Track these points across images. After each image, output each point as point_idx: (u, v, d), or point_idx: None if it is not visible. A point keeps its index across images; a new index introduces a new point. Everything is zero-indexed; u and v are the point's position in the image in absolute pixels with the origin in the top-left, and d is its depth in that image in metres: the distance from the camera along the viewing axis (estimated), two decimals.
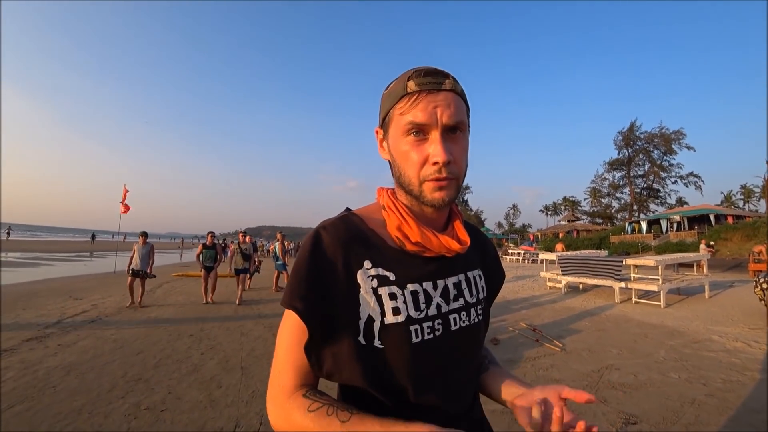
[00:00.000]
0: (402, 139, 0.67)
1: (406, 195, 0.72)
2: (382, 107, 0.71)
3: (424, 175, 0.66)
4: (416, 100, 0.65)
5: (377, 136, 0.76)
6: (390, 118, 0.69)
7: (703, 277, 8.81)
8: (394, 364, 0.65)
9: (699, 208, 30.94)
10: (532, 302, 8.09)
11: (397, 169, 0.70)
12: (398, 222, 0.71)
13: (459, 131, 0.67)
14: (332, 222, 0.71)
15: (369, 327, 0.65)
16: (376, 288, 0.67)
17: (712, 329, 5.49)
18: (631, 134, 43.54)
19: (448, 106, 0.65)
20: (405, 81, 0.66)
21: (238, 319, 6.62)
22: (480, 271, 0.84)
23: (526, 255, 24.32)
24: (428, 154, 0.65)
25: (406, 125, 0.65)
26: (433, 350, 0.68)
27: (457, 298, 0.74)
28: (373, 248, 0.70)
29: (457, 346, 0.72)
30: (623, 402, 3.12)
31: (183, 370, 4.01)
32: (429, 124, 0.64)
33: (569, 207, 67.74)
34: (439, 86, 0.65)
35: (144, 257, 7.81)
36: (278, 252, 10.21)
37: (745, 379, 3.57)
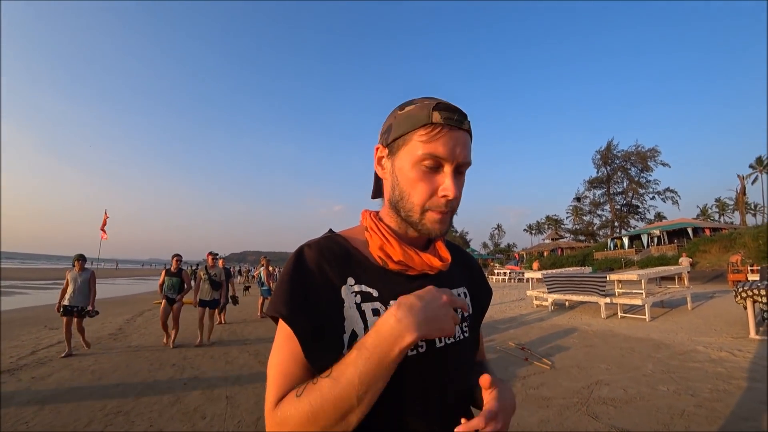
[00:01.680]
0: (415, 166, 0.68)
1: (396, 217, 0.73)
2: (396, 127, 0.71)
3: (430, 205, 0.68)
4: (439, 133, 0.66)
5: (376, 153, 0.76)
6: (405, 141, 0.69)
7: (685, 290, 8.98)
8: None
9: (677, 222, 31.76)
10: (519, 321, 8.09)
11: (399, 192, 0.71)
12: (380, 242, 0.72)
13: (463, 170, 0.71)
14: (316, 241, 0.72)
15: (353, 341, 0.64)
16: (359, 304, 0.67)
17: (696, 340, 5.56)
18: (608, 153, 44.73)
19: (465, 146, 0.68)
20: (429, 110, 0.67)
21: (223, 346, 6.45)
22: (465, 288, 0.84)
23: (511, 274, 24.45)
24: (438, 186, 0.67)
25: (425, 155, 0.66)
26: (417, 366, 0.67)
27: None
28: (357, 266, 0.71)
29: (442, 363, 0.71)
30: (614, 417, 3.11)
31: (165, 401, 3.86)
32: (446, 159, 0.66)
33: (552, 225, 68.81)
34: (461, 125, 0.68)
35: (81, 289, 6.01)
36: (263, 277, 10.06)
37: (731, 388, 3.60)
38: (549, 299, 9.43)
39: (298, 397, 0.58)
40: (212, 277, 6.93)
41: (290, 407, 0.58)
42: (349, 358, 0.57)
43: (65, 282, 6.01)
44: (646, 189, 43.84)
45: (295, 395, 0.59)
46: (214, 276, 6.97)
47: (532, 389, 3.83)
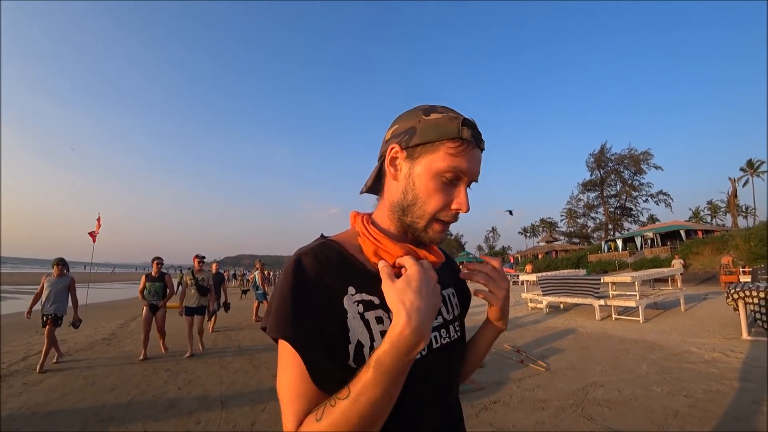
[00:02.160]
0: (436, 176, 0.68)
1: (398, 220, 0.73)
2: (423, 132, 0.69)
3: (440, 216, 0.70)
4: (467, 149, 0.68)
5: (391, 151, 0.73)
6: (431, 149, 0.68)
7: (678, 291, 9.05)
8: None
9: (670, 224, 32.01)
10: (514, 323, 8.10)
11: (413, 197, 0.70)
12: (374, 247, 0.71)
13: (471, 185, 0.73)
14: (312, 248, 0.70)
15: (359, 351, 0.64)
16: (362, 313, 0.67)
17: (689, 341, 5.60)
18: (602, 156, 45.12)
19: (480, 165, 0.71)
20: (458, 124, 0.67)
21: (217, 351, 6.41)
22: (452, 289, 0.87)
23: None
24: (453, 199, 0.69)
25: (450, 168, 0.67)
26: (419, 369, 0.68)
27: (437, 317, 0.76)
28: (355, 274, 0.70)
29: (440, 363, 0.73)
30: (609, 418, 3.12)
31: (159, 406, 3.83)
32: (468, 175, 0.69)
33: (547, 228, 69.11)
34: (480, 144, 0.71)
35: (58, 295, 5.48)
36: (258, 281, 10.02)
37: (724, 389, 3.63)
38: (544, 302, 9.46)
39: (319, 421, 0.56)
40: (199, 282, 6.33)
41: (310, 429, 0.57)
42: (367, 375, 0.55)
43: (39, 287, 5.53)
44: (639, 192, 44.26)
45: (315, 419, 0.57)
46: (202, 281, 6.36)
47: (528, 391, 3.84)
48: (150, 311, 6.04)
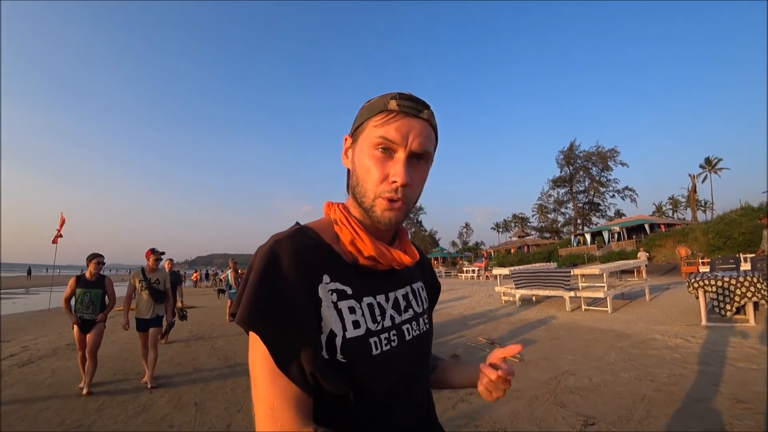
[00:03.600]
0: (369, 151, 0.67)
1: (359, 208, 0.72)
2: (358, 118, 0.72)
3: (380, 191, 0.66)
4: (393, 118, 0.66)
5: (344, 144, 0.76)
6: (363, 128, 0.70)
7: (643, 282, 9.44)
8: (357, 377, 0.64)
9: (635, 218, 33.26)
10: (488, 317, 8.26)
11: (356, 178, 0.70)
12: (351, 237, 0.70)
13: (423, 160, 0.69)
14: (288, 235, 0.68)
15: (331, 341, 0.64)
16: (336, 302, 0.66)
17: (654, 329, 5.85)
18: (571, 153, 46.35)
19: (420, 134, 0.67)
20: (387, 99, 0.67)
21: (191, 352, 6.25)
22: (421, 282, 0.88)
23: (480, 271, 24.91)
24: (390, 172, 0.66)
25: (377, 138, 0.66)
26: (391, 361, 0.69)
27: (407, 309, 0.77)
28: (330, 262, 0.69)
29: (411, 354, 0.74)
30: (580, 405, 3.23)
31: (130, 411, 3.71)
32: (398, 143, 0.65)
33: (519, 223, 70.62)
34: (418, 113, 0.67)
35: None
36: (231, 280, 9.82)
37: (686, 372, 3.81)
38: (517, 294, 9.66)
39: None
40: (153, 285, 4.79)
41: None
42: None
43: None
44: (607, 188, 45.72)
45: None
46: (156, 283, 4.84)
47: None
48: (82, 331, 4.36)
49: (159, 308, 4.83)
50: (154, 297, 4.75)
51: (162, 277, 4.96)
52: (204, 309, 13.05)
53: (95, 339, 4.36)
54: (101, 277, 4.56)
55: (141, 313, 4.73)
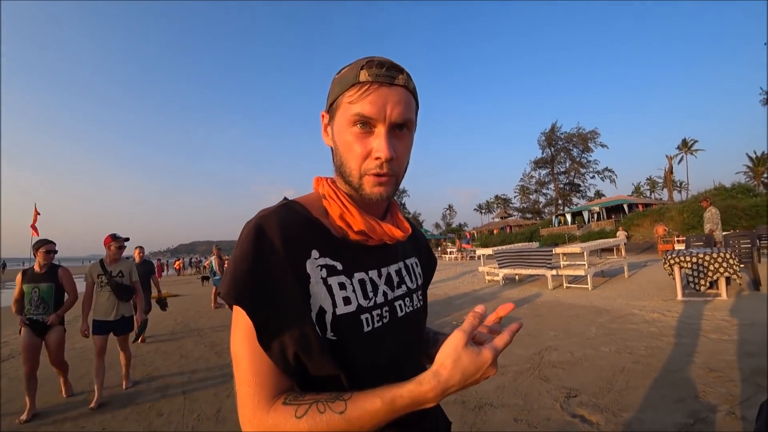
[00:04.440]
0: (347, 129, 0.64)
1: (346, 185, 0.70)
2: (331, 92, 0.68)
3: (365, 169, 0.64)
4: (367, 92, 0.62)
5: (322, 120, 0.73)
6: (338, 105, 0.66)
7: (622, 260, 9.71)
8: (348, 354, 0.64)
9: (614, 199, 34.01)
10: (473, 296, 8.40)
11: (339, 157, 0.68)
12: (340, 211, 0.68)
13: (405, 129, 0.66)
14: (274, 210, 0.66)
15: (320, 319, 0.63)
16: (325, 278, 0.65)
17: (632, 304, 6.05)
18: (552, 134, 46.82)
19: (399, 103, 0.63)
20: (358, 69, 0.63)
21: (176, 340, 6.21)
22: (416, 258, 0.87)
23: (464, 252, 25.20)
24: (372, 148, 0.63)
25: (353, 116, 0.63)
26: (383, 337, 0.69)
27: (400, 285, 0.76)
28: (319, 237, 0.67)
29: (404, 331, 0.74)
30: (563, 378, 3.34)
31: (117, 401, 3.70)
32: (376, 118, 0.62)
33: (501, 204, 71.46)
34: (392, 80, 0.63)
35: None
36: (215, 267, 9.72)
37: (663, 345, 3.97)
38: (500, 274, 9.82)
39: (299, 419, 0.54)
40: (116, 279, 3.93)
41: (287, 423, 0.55)
42: (373, 405, 0.54)
43: None
44: (587, 168, 46.52)
45: (295, 414, 0.55)
46: (119, 276, 3.98)
47: None
48: (34, 334, 3.52)
49: (125, 307, 4.00)
50: (117, 294, 3.90)
51: (126, 268, 4.07)
52: (188, 297, 12.91)
53: (55, 346, 3.63)
54: (53, 269, 3.72)
55: (101, 313, 3.82)
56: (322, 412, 0.54)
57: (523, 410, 2.82)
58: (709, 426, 2.38)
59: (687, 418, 2.48)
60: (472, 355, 0.54)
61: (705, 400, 2.69)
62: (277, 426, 0.55)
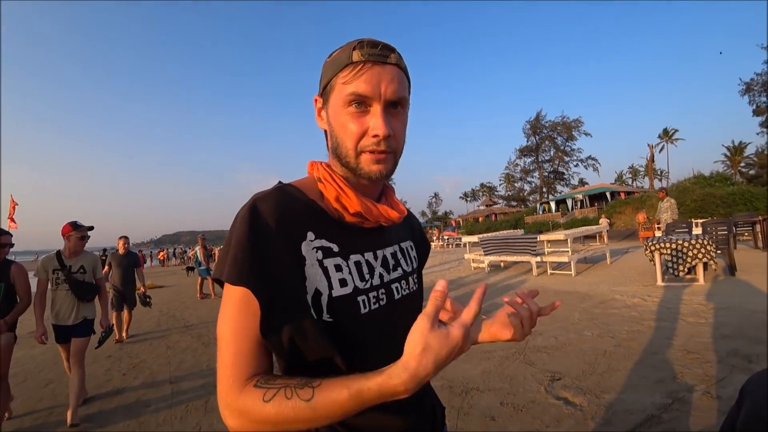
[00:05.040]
0: (342, 110, 0.65)
1: (342, 167, 0.70)
2: (324, 75, 0.69)
3: (363, 147, 0.65)
4: (360, 71, 0.63)
5: (315, 105, 0.73)
6: (331, 86, 0.67)
7: (605, 246, 9.91)
8: (345, 336, 0.64)
9: (597, 187, 34.66)
10: (459, 283, 8.50)
11: (335, 139, 0.68)
12: (336, 193, 0.68)
13: (400, 107, 0.67)
14: (269, 192, 0.67)
15: (316, 301, 0.63)
16: (321, 260, 0.65)
17: (614, 290, 6.19)
18: (537, 123, 47.25)
19: (392, 81, 0.64)
20: (350, 50, 0.64)
21: (162, 331, 6.15)
22: (410, 242, 0.87)
23: (449, 240, 25.42)
24: (368, 126, 0.64)
25: (348, 95, 0.63)
26: (380, 319, 0.69)
27: (396, 268, 0.76)
28: (314, 219, 0.68)
29: (401, 314, 0.74)
30: (548, 362, 3.41)
31: (104, 395, 3.65)
32: (372, 96, 0.63)
33: (486, 192, 72.04)
34: (385, 59, 0.64)
35: None
36: (200, 257, 9.63)
37: (643, 328, 4.08)
38: (486, 261, 9.96)
39: (266, 403, 0.54)
40: (75, 276, 3.35)
41: (254, 406, 0.55)
42: (339, 396, 0.52)
43: None
44: (571, 157, 47.21)
45: (263, 398, 0.54)
46: (81, 272, 3.39)
47: (474, 345, 4.07)
48: None
49: (87, 309, 3.41)
50: (77, 293, 3.31)
51: (90, 263, 3.47)
52: (173, 288, 12.77)
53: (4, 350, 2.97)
54: (5, 265, 3.08)
55: (60, 317, 3.30)
56: (288, 398, 0.54)
57: (508, 394, 2.88)
58: (686, 405, 2.47)
59: (666, 398, 2.57)
60: (440, 337, 0.51)
61: (683, 381, 2.79)
62: (245, 407, 0.55)
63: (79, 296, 3.33)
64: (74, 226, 3.40)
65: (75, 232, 3.38)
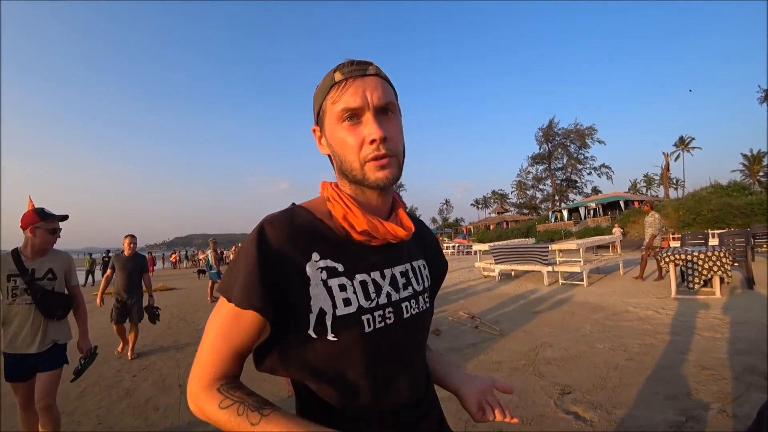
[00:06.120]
0: (338, 127, 0.68)
1: (350, 184, 0.72)
2: (315, 103, 0.73)
3: (364, 156, 0.66)
4: (345, 87, 0.66)
5: (314, 135, 0.77)
6: (324, 111, 0.71)
7: (618, 257, 9.77)
8: (350, 355, 0.65)
9: (611, 195, 34.18)
10: (469, 292, 8.43)
11: (338, 157, 0.70)
12: (343, 212, 0.69)
13: (390, 112, 0.70)
14: (277, 215, 0.69)
15: (321, 320, 0.64)
16: (325, 280, 0.66)
17: (627, 302, 6.08)
18: (550, 130, 46.93)
19: (376, 89, 0.67)
20: (332, 74, 0.69)
21: (173, 334, 6.20)
22: (423, 260, 0.86)
23: (460, 247, 25.29)
24: (364, 135, 0.66)
25: (340, 112, 0.67)
26: (386, 338, 0.69)
27: (406, 287, 0.76)
28: (321, 239, 0.69)
29: (409, 333, 0.74)
30: (557, 375, 3.36)
31: (113, 396, 3.68)
32: (361, 107, 0.66)
33: (498, 200, 71.61)
34: (365, 72, 0.68)
35: None
36: (211, 260, 9.73)
37: (657, 342, 4.00)
38: (496, 270, 9.86)
39: (219, 409, 0.60)
40: (38, 284, 2.38)
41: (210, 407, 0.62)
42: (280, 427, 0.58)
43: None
44: (584, 165, 46.74)
45: (218, 405, 0.61)
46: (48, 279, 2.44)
47: (483, 355, 4.04)
48: None
49: (57, 329, 2.45)
50: (44, 308, 2.36)
51: (62, 265, 2.49)
52: (184, 290, 12.90)
53: None
54: None
55: (17, 343, 2.30)
56: (239, 415, 0.59)
57: (517, 407, 2.84)
58: (700, 424, 2.41)
59: (679, 416, 2.51)
60: None
61: (697, 398, 2.72)
62: (203, 404, 0.63)
63: (47, 312, 2.36)
64: (41, 214, 2.40)
65: (43, 224, 2.39)
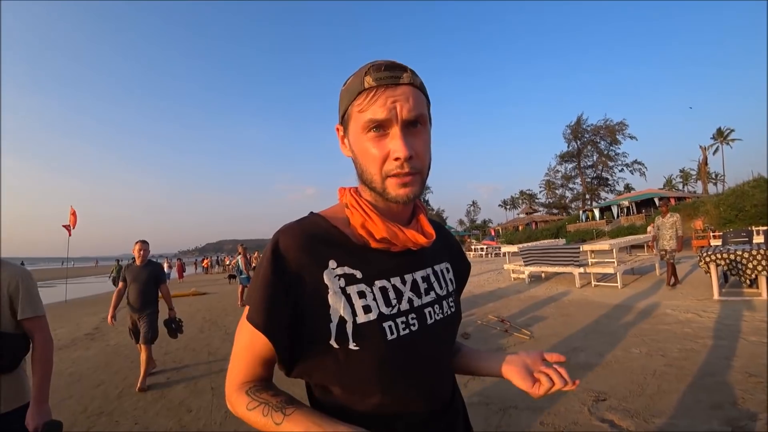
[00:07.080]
0: (362, 136, 0.65)
1: (370, 192, 0.70)
2: (341, 104, 0.70)
3: (387, 171, 0.64)
4: (374, 96, 0.63)
5: (338, 134, 0.74)
6: (349, 115, 0.67)
7: (653, 257, 9.37)
8: (372, 363, 0.64)
9: (644, 192, 32.90)
10: (498, 294, 8.28)
11: (359, 166, 0.69)
12: (362, 219, 0.69)
13: (420, 125, 0.66)
14: (291, 225, 0.69)
15: (341, 329, 0.63)
16: (344, 287, 0.65)
17: (665, 304, 5.83)
18: (578, 127, 45.64)
19: (407, 100, 0.63)
20: (362, 77, 0.64)
21: (204, 338, 6.37)
22: (447, 263, 0.84)
23: (488, 249, 24.92)
24: (389, 150, 0.63)
25: (366, 122, 0.64)
26: (411, 344, 0.67)
27: (429, 292, 0.74)
28: (337, 247, 0.68)
29: (434, 339, 0.72)
30: (591, 381, 3.25)
31: (149, 397, 3.81)
32: (388, 119, 0.63)
33: (526, 200, 70.21)
34: (397, 80, 0.64)
35: None
36: (241, 265, 9.95)
37: (698, 347, 3.81)
38: (526, 272, 9.67)
39: (247, 411, 0.64)
40: None
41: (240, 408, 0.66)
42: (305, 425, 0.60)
43: None
44: (615, 162, 45.14)
45: (247, 406, 0.65)
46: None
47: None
48: None
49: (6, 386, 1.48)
50: None
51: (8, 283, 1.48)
52: (215, 295, 13.25)
53: None
54: None
55: None
56: (264, 416, 0.63)
57: (549, 414, 2.76)
58: None
59: (724, 426, 2.37)
60: None
61: (744, 407, 2.57)
62: (236, 405, 0.68)
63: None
64: None
65: None
